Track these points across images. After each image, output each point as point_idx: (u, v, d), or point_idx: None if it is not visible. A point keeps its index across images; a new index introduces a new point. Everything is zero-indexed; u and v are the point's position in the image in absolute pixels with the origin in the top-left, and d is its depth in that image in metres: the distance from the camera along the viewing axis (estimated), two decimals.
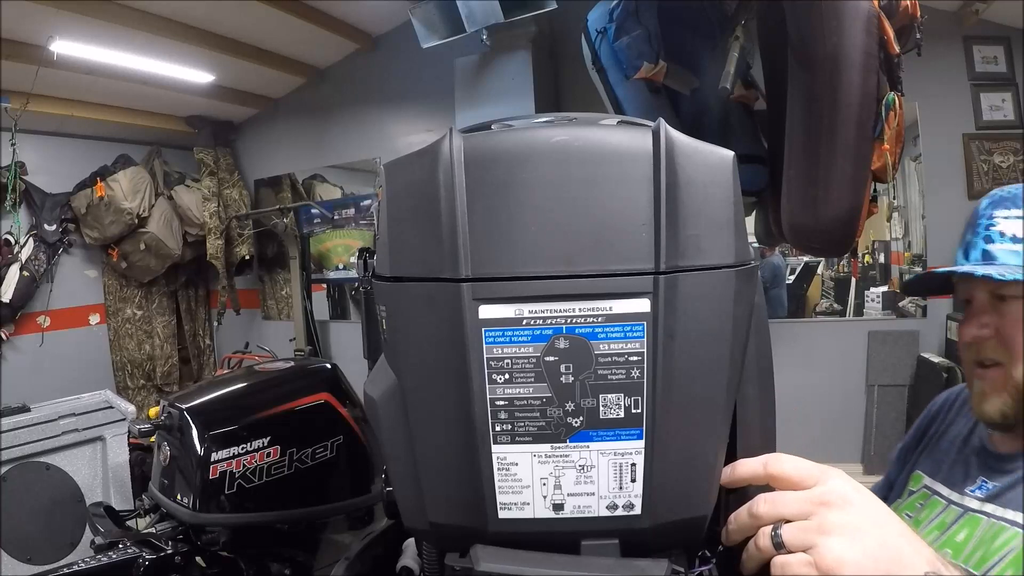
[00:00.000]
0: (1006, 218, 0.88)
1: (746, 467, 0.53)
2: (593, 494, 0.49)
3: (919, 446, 1.08)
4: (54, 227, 4.54)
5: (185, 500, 1.15)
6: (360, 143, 4.71)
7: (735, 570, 0.56)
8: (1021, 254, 0.85)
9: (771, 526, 0.51)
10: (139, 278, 4.99)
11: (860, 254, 3.76)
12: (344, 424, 1.24)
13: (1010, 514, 0.82)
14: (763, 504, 0.51)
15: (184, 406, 1.19)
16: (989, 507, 0.86)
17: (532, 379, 0.48)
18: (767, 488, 0.53)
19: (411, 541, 0.75)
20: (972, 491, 0.90)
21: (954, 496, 0.92)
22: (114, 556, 1.15)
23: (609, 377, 0.48)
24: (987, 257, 0.88)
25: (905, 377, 3.66)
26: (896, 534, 0.49)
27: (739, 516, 0.53)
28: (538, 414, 0.48)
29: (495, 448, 0.49)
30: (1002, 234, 0.87)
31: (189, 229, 4.92)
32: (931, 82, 3.15)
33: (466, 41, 3.53)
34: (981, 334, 0.86)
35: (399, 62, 4.35)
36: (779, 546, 0.50)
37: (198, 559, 1.21)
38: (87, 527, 1.75)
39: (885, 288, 3.73)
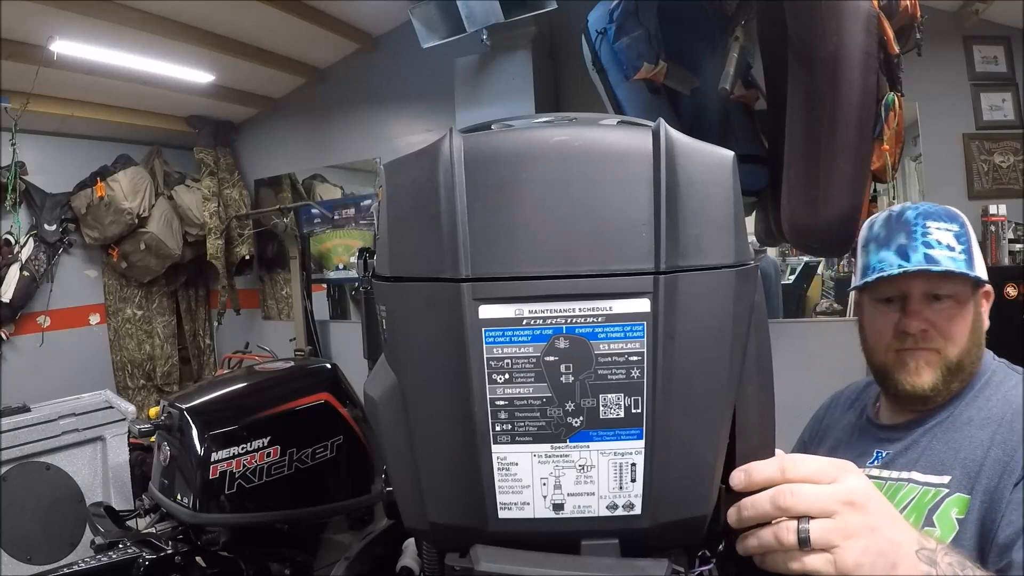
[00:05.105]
0: (938, 228, 1.00)
1: (762, 472, 0.53)
2: (593, 494, 0.49)
3: (814, 438, 1.21)
4: (54, 227, 4.53)
5: (185, 500, 1.15)
6: (360, 143, 4.70)
7: (735, 570, 0.56)
8: (956, 260, 0.97)
9: (796, 521, 0.51)
10: (139, 278, 4.98)
11: None
12: (344, 424, 1.24)
13: (904, 474, 0.98)
14: (790, 497, 0.51)
15: (184, 406, 1.19)
16: (886, 472, 1.01)
17: (532, 379, 0.48)
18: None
19: (411, 541, 0.75)
20: (870, 464, 1.04)
21: None
22: (114, 556, 1.15)
23: (609, 377, 0.48)
24: (929, 260, 0.98)
25: None
26: (899, 528, 0.53)
27: (758, 503, 0.52)
28: (538, 414, 0.48)
29: (495, 448, 0.49)
30: (939, 242, 0.99)
31: (189, 229, 4.91)
32: (931, 82, 3.13)
33: (466, 41, 3.53)
34: (924, 326, 1.00)
35: (399, 62, 4.34)
36: (804, 543, 0.51)
37: (198, 559, 1.21)
38: (87, 527, 1.75)
39: None
